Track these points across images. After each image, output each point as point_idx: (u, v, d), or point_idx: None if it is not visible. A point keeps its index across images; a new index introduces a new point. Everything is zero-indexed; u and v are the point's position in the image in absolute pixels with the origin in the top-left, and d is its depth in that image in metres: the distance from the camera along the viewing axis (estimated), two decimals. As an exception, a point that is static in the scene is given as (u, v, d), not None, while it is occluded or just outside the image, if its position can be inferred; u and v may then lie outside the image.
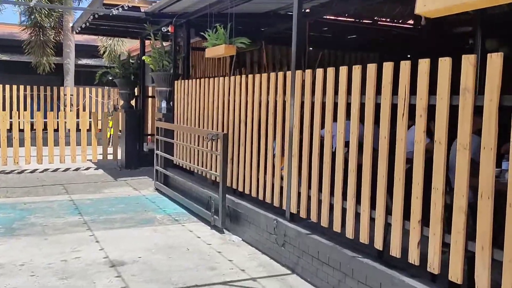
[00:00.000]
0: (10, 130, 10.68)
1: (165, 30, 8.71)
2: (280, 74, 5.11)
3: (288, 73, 4.94)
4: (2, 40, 18.34)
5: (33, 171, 10.62)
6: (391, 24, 9.61)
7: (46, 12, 15.81)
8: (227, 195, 5.94)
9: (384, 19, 9.45)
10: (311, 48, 9.46)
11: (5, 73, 17.08)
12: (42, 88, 16.73)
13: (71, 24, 12.86)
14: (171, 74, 8.60)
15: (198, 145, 7.10)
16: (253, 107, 5.67)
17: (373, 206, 3.77)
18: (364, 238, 3.87)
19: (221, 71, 10.78)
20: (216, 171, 6.41)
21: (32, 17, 15.80)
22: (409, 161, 3.48)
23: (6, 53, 17.36)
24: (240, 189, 5.96)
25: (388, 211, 3.64)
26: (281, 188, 5.07)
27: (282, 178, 5.07)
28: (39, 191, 8.54)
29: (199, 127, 7.19)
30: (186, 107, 7.75)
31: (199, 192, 6.80)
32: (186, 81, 7.87)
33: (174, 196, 7.61)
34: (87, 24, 9.94)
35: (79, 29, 10.77)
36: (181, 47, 9.00)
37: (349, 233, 4.06)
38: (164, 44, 9.04)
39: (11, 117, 11.10)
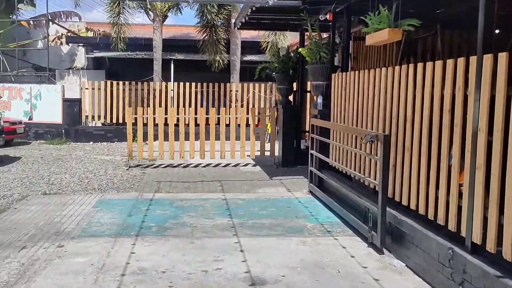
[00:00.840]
0: (178, 125, 10.74)
1: (323, 19, 7.74)
2: (461, 60, 3.80)
3: (473, 59, 3.62)
4: (178, 41, 19.17)
5: (196, 166, 10.53)
6: None
7: (216, 10, 15.94)
8: (388, 209, 4.80)
9: None
10: (497, 31, 7.64)
11: (181, 72, 17.75)
12: (211, 85, 17.02)
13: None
14: (328, 67, 7.62)
15: (355, 147, 6.03)
16: (423, 103, 4.42)
17: None
18: None
19: (385, 63, 9.46)
20: (375, 179, 5.28)
21: (204, 17, 16.06)
22: None
23: (182, 52, 18.04)
24: (404, 202, 4.75)
25: None
26: (459, 208, 3.79)
27: (460, 196, 3.79)
28: (198, 187, 8.26)
29: (356, 126, 6.10)
30: (343, 103, 6.70)
31: (356, 200, 5.72)
32: (344, 73, 6.80)
33: (328, 202, 6.63)
34: (247, 18, 9.46)
35: (240, 24, 10.36)
36: (340, 36, 7.97)
37: None
38: (323, 35, 8.11)
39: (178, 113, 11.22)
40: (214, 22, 16.07)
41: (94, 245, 4.89)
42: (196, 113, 11.00)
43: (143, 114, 10.58)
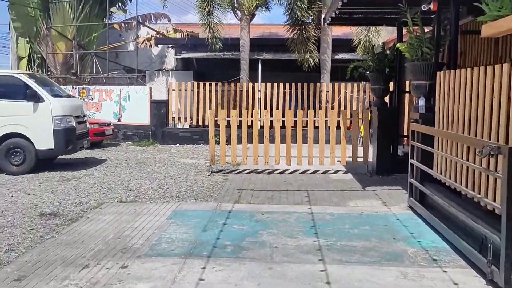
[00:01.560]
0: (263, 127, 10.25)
1: (426, 9, 6.81)
2: None
3: None
4: (266, 40, 18.76)
5: (282, 172, 9.97)
6: None
7: (305, 6, 15.28)
8: (513, 240, 3.89)
9: None
10: None
11: (269, 72, 17.31)
12: (300, 85, 16.40)
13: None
14: (432, 64, 6.69)
15: (467, 159, 5.09)
16: None
17: None
18: None
19: (501, 59, 8.26)
20: (494, 200, 4.35)
21: (293, 14, 15.45)
22: None
23: (269, 52, 17.59)
24: (537, 233, 3.82)
25: None
26: None
27: None
28: (282, 198, 7.67)
29: (469, 134, 5.16)
30: (452, 106, 5.75)
31: (469, 224, 4.80)
32: (452, 71, 5.86)
33: (432, 221, 5.73)
34: (337, 12, 8.72)
35: (330, 19, 9.63)
36: (446, 29, 7.00)
37: None
38: (425, 29, 7.17)
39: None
40: (304, 19, 15.39)
41: (161, 267, 4.45)
42: (284, 115, 10.43)
43: (226, 117, 10.21)
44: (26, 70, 19.87)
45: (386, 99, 10.28)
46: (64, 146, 10.16)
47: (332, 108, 15.82)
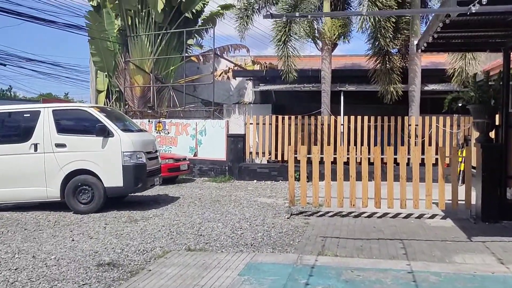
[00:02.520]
0: (347, 163, 9.36)
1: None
2: None
3: None
4: (347, 71, 17.96)
5: (370, 216, 8.98)
6: None
7: (390, 35, 14.35)
8: None
9: None
10: None
11: (352, 104, 16.45)
12: (386, 118, 15.34)
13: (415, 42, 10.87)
14: None
15: None
16: None
17: None
18: None
19: None
20: None
21: (376, 43, 14.56)
22: None
23: (352, 83, 16.75)
24: None
25: None
26: None
27: None
28: (373, 249, 6.68)
29: None
30: None
31: None
32: None
33: None
34: (435, 36, 7.76)
35: (425, 45, 8.63)
36: None
37: None
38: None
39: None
40: (388, 48, 14.44)
41: None
42: (369, 151, 9.49)
43: (307, 153, 9.42)
44: (104, 103, 20.38)
45: (491, 134, 9.07)
46: (134, 184, 9.80)
47: (422, 143, 14.61)
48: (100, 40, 19.81)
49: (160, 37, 19.52)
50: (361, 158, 9.27)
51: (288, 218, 8.91)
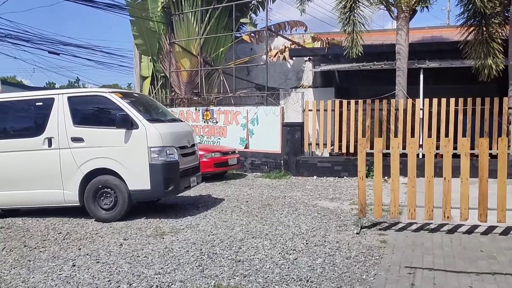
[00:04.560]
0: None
1: None
2: None
3: None
4: (429, 45, 15.47)
5: (470, 231, 6.78)
6: None
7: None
8: None
9: None
10: None
11: (431, 86, 14.02)
12: (479, 100, 12.79)
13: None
14: None
15: None
16: None
17: None
18: None
19: None
20: None
21: (470, 5, 11.95)
22: None
23: (433, 60, 14.28)
24: None
25: None
26: None
27: None
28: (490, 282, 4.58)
29: None
30: None
31: None
32: None
33: None
34: None
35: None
36: None
37: None
38: None
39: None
40: (485, 10, 11.75)
41: None
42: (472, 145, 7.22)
43: (383, 147, 7.31)
44: (149, 91, 18.89)
45: None
46: (164, 187, 8.01)
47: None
48: (142, 20, 18.22)
49: (208, 15, 17.71)
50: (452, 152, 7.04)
51: (357, 233, 6.87)
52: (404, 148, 9.25)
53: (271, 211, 8.61)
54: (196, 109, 16.06)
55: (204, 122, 15.77)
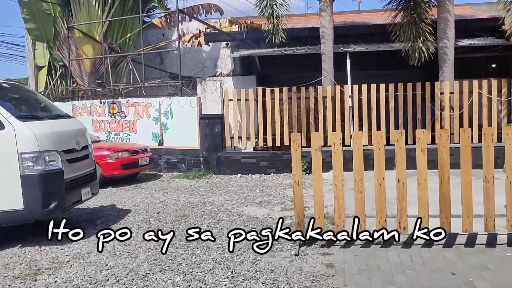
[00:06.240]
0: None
1: None
2: None
3: None
4: (355, 28, 14.37)
5: (429, 244, 5.47)
6: None
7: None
8: None
9: None
10: None
11: (358, 71, 12.85)
12: (410, 86, 11.73)
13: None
14: None
15: None
16: None
17: None
18: None
19: None
20: None
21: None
22: None
23: (359, 43, 13.11)
24: None
25: None
26: None
27: None
28: None
29: None
30: None
31: None
32: None
33: None
34: None
35: None
36: None
37: None
38: None
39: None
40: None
41: None
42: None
43: (322, 142, 5.83)
44: (46, 82, 16.38)
45: None
46: (42, 205, 5.96)
47: (460, 117, 11.21)
48: (34, 1, 15.64)
49: (112, -4, 15.54)
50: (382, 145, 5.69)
51: (296, 255, 5.34)
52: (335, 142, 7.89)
53: (187, 224, 6.91)
54: (101, 102, 13.93)
55: (111, 116, 13.69)
